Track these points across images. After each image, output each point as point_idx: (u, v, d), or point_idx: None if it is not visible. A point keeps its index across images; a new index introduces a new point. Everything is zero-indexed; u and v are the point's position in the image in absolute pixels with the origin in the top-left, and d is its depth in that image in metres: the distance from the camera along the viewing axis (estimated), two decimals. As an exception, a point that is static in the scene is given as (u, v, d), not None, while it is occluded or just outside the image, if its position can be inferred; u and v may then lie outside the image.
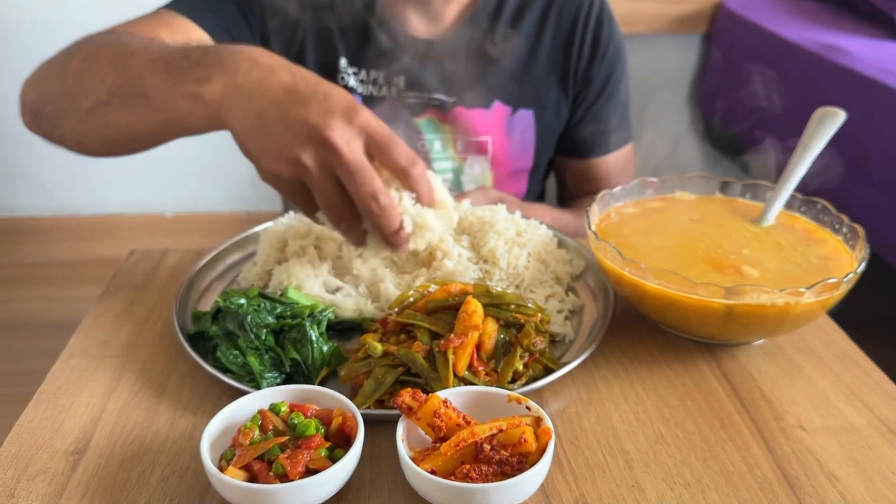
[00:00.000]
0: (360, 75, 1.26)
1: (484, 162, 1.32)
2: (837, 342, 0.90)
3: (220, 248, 1.01)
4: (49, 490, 0.68)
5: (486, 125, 1.30)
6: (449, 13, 1.26)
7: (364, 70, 1.26)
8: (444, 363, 0.73)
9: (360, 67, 1.26)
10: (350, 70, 1.25)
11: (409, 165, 0.82)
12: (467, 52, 1.27)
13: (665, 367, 0.85)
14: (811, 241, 0.92)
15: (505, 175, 1.34)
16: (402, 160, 0.81)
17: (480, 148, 1.31)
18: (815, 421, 0.77)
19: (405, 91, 1.27)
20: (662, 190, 1.02)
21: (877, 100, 1.65)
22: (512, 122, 1.31)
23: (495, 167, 1.33)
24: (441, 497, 0.63)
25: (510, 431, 0.65)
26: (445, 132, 1.30)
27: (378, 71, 1.26)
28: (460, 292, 0.81)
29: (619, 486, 0.69)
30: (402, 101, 1.27)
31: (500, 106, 1.30)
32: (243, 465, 0.63)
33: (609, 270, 0.87)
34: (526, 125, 1.32)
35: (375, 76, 1.26)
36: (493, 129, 1.30)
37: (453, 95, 1.28)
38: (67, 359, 0.86)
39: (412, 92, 1.27)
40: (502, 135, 1.31)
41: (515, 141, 1.32)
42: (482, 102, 1.29)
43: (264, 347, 0.79)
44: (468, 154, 1.31)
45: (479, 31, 1.27)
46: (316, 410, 0.69)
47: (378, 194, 0.79)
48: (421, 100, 1.27)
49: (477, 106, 1.29)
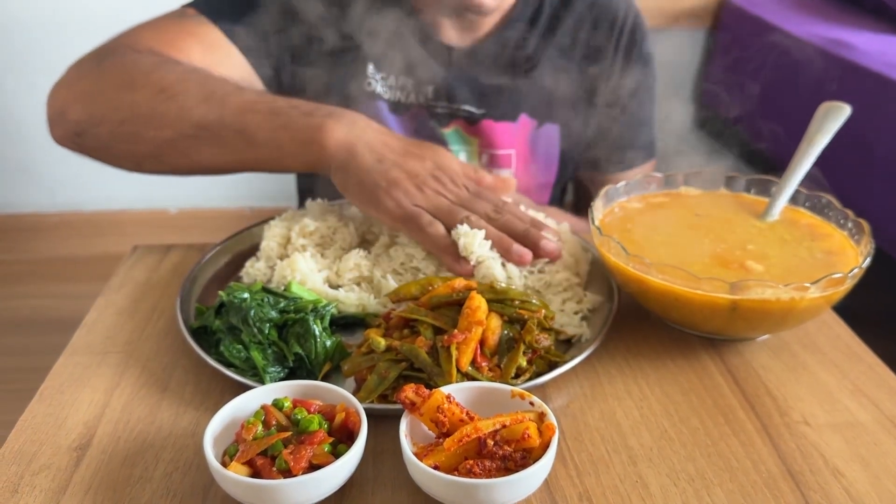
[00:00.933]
0: (389, 81, 1.23)
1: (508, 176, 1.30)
2: (842, 338, 0.89)
3: (223, 243, 1.01)
4: (52, 485, 0.68)
5: (510, 139, 1.27)
6: (485, 23, 1.23)
7: (392, 76, 1.23)
8: (448, 358, 0.73)
9: (388, 73, 1.23)
10: (378, 76, 1.22)
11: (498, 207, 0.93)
12: (499, 64, 1.24)
13: (669, 363, 0.85)
14: (816, 235, 0.92)
15: (527, 189, 1.32)
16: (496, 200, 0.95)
17: (503, 162, 1.29)
18: (820, 417, 0.77)
19: (433, 100, 1.24)
20: (667, 185, 1.01)
21: (882, 94, 1.64)
22: (537, 136, 1.28)
23: (518, 179, 1.31)
24: (444, 493, 0.63)
25: (513, 427, 0.65)
26: (471, 144, 1.27)
27: (407, 77, 1.23)
28: (464, 288, 0.81)
29: (622, 481, 0.69)
30: (430, 111, 1.24)
31: (527, 119, 1.27)
32: (246, 461, 0.63)
33: (613, 266, 0.86)
34: (551, 140, 1.29)
35: (404, 83, 1.23)
36: (517, 142, 1.28)
37: (483, 107, 1.25)
38: (70, 355, 0.86)
39: (440, 102, 1.24)
40: (526, 149, 1.29)
41: (539, 156, 1.30)
42: (509, 115, 1.26)
43: (267, 342, 0.79)
44: (492, 168, 1.29)
45: (512, 43, 1.24)
46: (319, 406, 0.69)
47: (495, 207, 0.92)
48: (449, 110, 1.25)
49: (504, 119, 1.26)
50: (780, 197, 0.95)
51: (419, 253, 0.92)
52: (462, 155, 1.28)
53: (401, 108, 1.25)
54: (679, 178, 1.01)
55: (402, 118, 1.25)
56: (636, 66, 1.31)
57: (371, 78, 1.22)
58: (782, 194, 0.95)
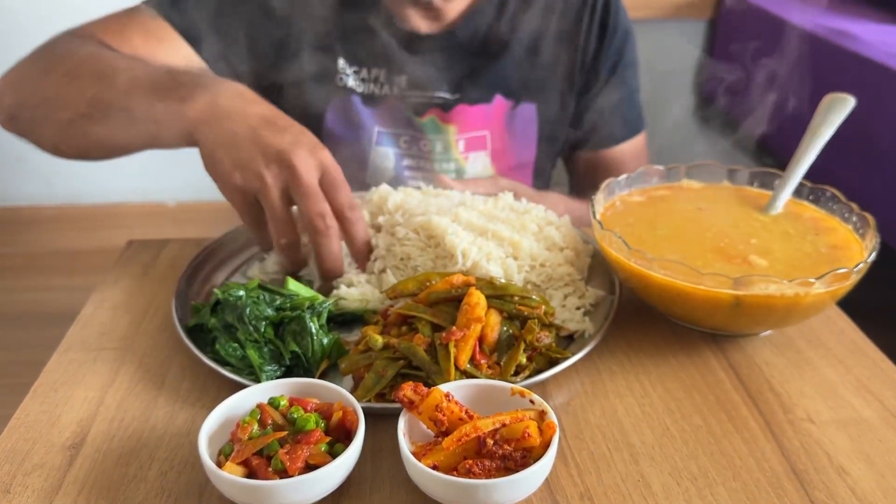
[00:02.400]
0: (361, 73, 1.23)
1: (484, 158, 1.29)
2: (847, 332, 0.88)
3: (219, 237, 1.00)
4: (45, 485, 0.67)
5: (485, 120, 1.27)
6: (452, 8, 1.22)
7: (365, 68, 1.23)
8: (446, 356, 0.71)
9: (360, 66, 1.23)
10: (350, 69, 1.22)
11: (348, 208, 0.89)
12: (471, 48, 1.24)
13: (671, 359, 0.84)
14: (820, 229, 0.90)
15: (507, 170, 1.32)
16: (344, 202, 0.88)
17: (479, 143, 1.28)
18: (825, 413, 0.76)
19: (407, 90, 1.23)
20: (668, 178, 1.00)
21: (885, 85, 1.62)
22: (513, 116, 1.28)
23: (496, 162, 1.31)
24: (443, 493, 0.62)
25: (513, 426, 0.64)
26: (448, 133, 1.27)
27: (379, 69, 1.23)
28: (463, 284, 0.79)
29: (624, 480, 0.68)
30: (405, 101, 1.24)
31: (502, 100, 1.27)
32: (242, 461, 0.62)
33: (614, 260, 0.85)
34: (528, 119, 1.29)
35: (377, 74, 1.23)
36: (492, 123, 1.28)
37: (457, 93, 1.25)
38: (65, 351, 0.85)
39: (414, 91, 1.24)
40: (502, 129, 1.29)
41: (516, 135, 1.30)
42: (484, 98, 1.26)
43: (263, 340, 0.78)
44: (469, 152, 1.29)
45: (484, 25, 1.24)
46: (316, 404, 0.68)
47: (325, 214, 0.87)
48: (423, 99, 1.24)
49: (479, 101, 1.26)
50: (783, 190, 0.93)
51: (416, 251, 0.91)
52: (438, 144, 1.27)
53: (375, 101, 1.24)
54: (681, 170, 1.00)
55: (377, 110, 1.24)
56: (612, 38, 1.29)
57: (342, 73, 1.21)
58: (786, 187, 0.93)
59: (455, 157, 1.28)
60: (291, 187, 0.86)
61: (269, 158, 0.86)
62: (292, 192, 0.86)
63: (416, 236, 0.91)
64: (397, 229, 0.93)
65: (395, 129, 1.25)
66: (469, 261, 0.87)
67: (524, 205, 1.01)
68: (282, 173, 0.86)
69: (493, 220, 0.94)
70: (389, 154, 1.27)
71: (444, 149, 1.27)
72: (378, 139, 1.26)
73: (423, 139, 1.26)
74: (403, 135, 1.26)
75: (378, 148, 1.26)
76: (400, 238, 0.92)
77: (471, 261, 0.87)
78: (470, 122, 1.27)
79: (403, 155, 1.27)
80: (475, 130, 1.27)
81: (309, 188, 0.85)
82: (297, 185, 0.85)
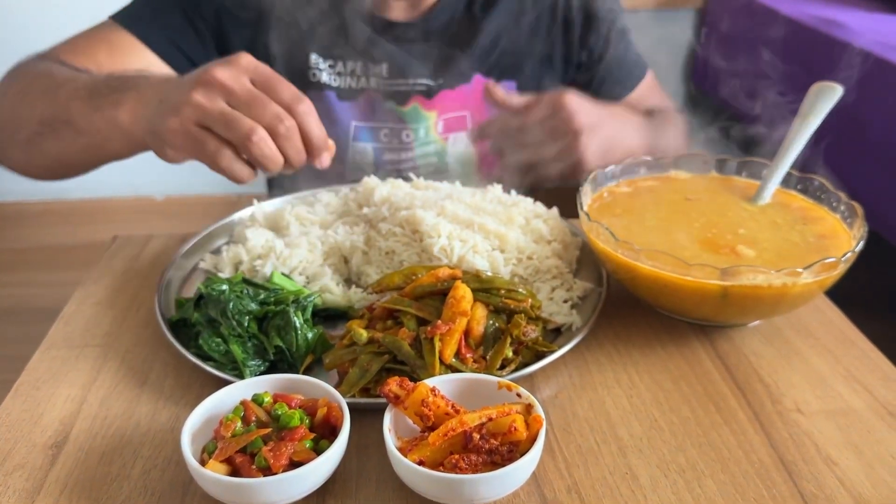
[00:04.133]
0: (337, 68, 1.21)
1: (465, 139, 1.29)
2: (835, 322, 0.88)
3: (203, 232, 0.99)
4: (27, 486, 0.66)
5: (465, 100, 1.26)
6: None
7: (340, 62, 1.21)
8: (431, 350, 0.71)
9: (335, 60, 1.21)
10: (324, 64, 1.21)
11: (295, 102, 0.82)
12: (448, 30, 1.22)
13: (659, 350, 0.83)
14: (808, 219, 0.90)
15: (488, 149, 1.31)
16: (288, 96, 0.82)
17: (459, 124, 1.28)
18: (813, 404, 0.75)
19: (388, 80, 1.22)
20: (656, 168, 0.99)
21: (874, 74, 1.62)
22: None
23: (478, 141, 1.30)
24: (429, 488, 0.61)
25: (500, 420, 0.63)
26: (430, 119, 1.26)
27: (355, 62, 1.21)
28: (449, 277, 0.79)
29: (612, 473, 0.67)
30: (385, 91, 1.23)
31: (481, 79, 1.26)
32: (225, 458, 0.61)
33: (602, 252, 0.84)
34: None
35: (353, 67, 1.21)
36: (472, 103, 1.27)
37: (439, 78, 1.24)
38: (47, 349, 0.84)
39: (397, 80, 1.22)
40: (482, 108, 1.28)
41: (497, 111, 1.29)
42: (464, 78, 1.25)
43: (247, 335, 0.77)
44: (449, 133, 1.28)
45: (460, 7, 1.22)
46: (300, 400, 0.67)
47: (280, 115, 0.80)
48: (406, 87, 1.23)
49: (459, 83, 1.25)
50: (771, 179, 0.93)
51: (400, 246, 0.90)
52: (421, 130, 1.26)
53: (352, 94, 1.23)
54: (668, 161, 0.99)
55: (354, 104, 1.23)
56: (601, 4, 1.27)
57: (314, 68, 1.20)
58: (774, 176, 0.93)
59: (434, 139, 1.27)
60: (230, 102, 0.80)
61: (192, 89, 0.80)
62: (234, 107, 0.80)
63: (401, 230, 0.90)
64: (381, 225, 0.92)
65: (374, 123, 1.24)
66: (454, 257, 0.86)
67: (512, 197, 1.00)
68: (211, 91, 0.80)
69: (480, 212, 0.94)
70: (368, 149, 1.26)
71: (424, 133, 1.27)
72: (356, 134, 1.25)
73: (406, 129, 1.26)
74: (383, 127, 1.25)
75: (356, 144, 1.25)
76: (384, 233, 0.91)
77: (456, 257, 0.86)
78: (450, 103, 1.26)
79: (384, 149, 1.26)
80: (455, 111, 1.26)
81: (247, 93, 0.80)
82: (233, 96, 0.80)
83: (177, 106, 0.81)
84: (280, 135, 0.80)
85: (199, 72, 0.81)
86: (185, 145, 0.83)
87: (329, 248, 0.93)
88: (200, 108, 0.80)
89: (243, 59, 0.82)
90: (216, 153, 0.81)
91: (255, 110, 0.80)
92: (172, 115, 0.81)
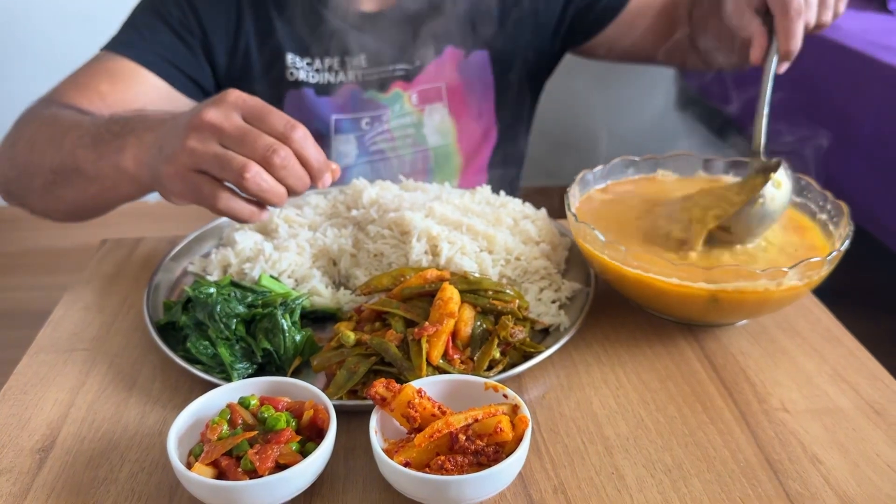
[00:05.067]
0: (315, 65, 1.22)
1: (442, 109, 1.30)
2: (822, 321, 0.88)
3: (192, 235, 0.99)
4: (14, 490, 0.66)
5: (439, 73, 1.27)
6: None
7: (317, 59, 1.22)
8: (418, 352, 0.71)
9: (312, 57, 1.22)
10: (302, 62, 1.21)
11: (288, 130, 0.80)
12: (420, 12, 1.22)
13: (646, 349, 0.83)
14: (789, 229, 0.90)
15: (468, 118, 1.32)
16: (279, 125, 0.80)
17: (436, 95, 1.29)
18: (800, 403, 0.76)
19: (367, 69, 1.23)
20: (644, 169, 0.99)
21: (866, 74, 1.62)
22: (466, 65, 1.28)
23: (454, 112, 1.30)
24: (415, 490, 0.61)
25: (486, 421, 0.63)
26: (410, 101, 1.28)
27: (332, 57, 1.22)
28: (437, 278, 0.79)
29: (598, 473, 0.67)
30: (365, 82, 1.24)
31: (453, 50, 1.27)
32: (211, 461, 0.61)
33: (589, 254, 0.85)
34: (483, 66, 1.29)
35: (330, 63, 1.22)
36: (446, 74, 1.28)
37: (416, 60, 1.25)
38: (35, 353, 0.84)
39: (375, 69, 1.24)
40: (456, 78, 1.28)
41: (472, 82, 1.30)
42: (437, 52, 1.26)
43: (235, 337, 0.77)
44: (425, 104, 1.29)
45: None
46: (287, 403, 0.67)
47: (272, 146, 0.78)
48: (386, 74, 1.24)
49: (434, 58, 1.26)
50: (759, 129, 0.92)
51: (388, 248, 0.90)
52: (397, 106, 1.27)
53: (330, 89, 1.24)
54: (656, 161, 0.99)
55: (333, 99, 1.24)
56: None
57: (291, 68, 1.21)
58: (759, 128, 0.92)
59: (409, 110, 1.28)
60: (223, 142, 0.79)
61: (185, 135, 0.80)
62: (227, 146, 0.79)
63: (390, 232, 0.91)
64: (369, 227, 0.92)
65: (355, 114, 1.25)
66: (442, 259, 0.86)
67: (501, 198, 1.00)
68: (203, 135, 0.79)
69: (468, 213, 0.94)
70: (350, 139, 1.27)
71: (400, 107, 1.28)
72: (337, 127, 1.26)
73: (385, 112, 1.27)
74: (364, 117, 1.26)
75: (338, 136, 1.26)
76: (372, 236, 0.91)
77: (444, 258, 0.86)
78: (424, 76, 1.27)
79: (365, 137, 1.27)
80: (428, 83, 1.27)
81: (237, 130, 0.79)
82: (224, 135, 0.79)
83: (172, 154, 0.81)
84: (275, 166, 0.79)
85: (191, 115, 0.81)
86: (183, 192, 0.83)
87: (318, 250, 0.93)
88: (194, 153, 0.79)
89: (231, 96, 0.81)
90: (212, 196, 0.81)
91: (247, 146, 0.78)
92: (169, 164, 0.81)
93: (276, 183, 0.80)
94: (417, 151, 1.31)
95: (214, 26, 1.19)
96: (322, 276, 0.91)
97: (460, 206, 0.96)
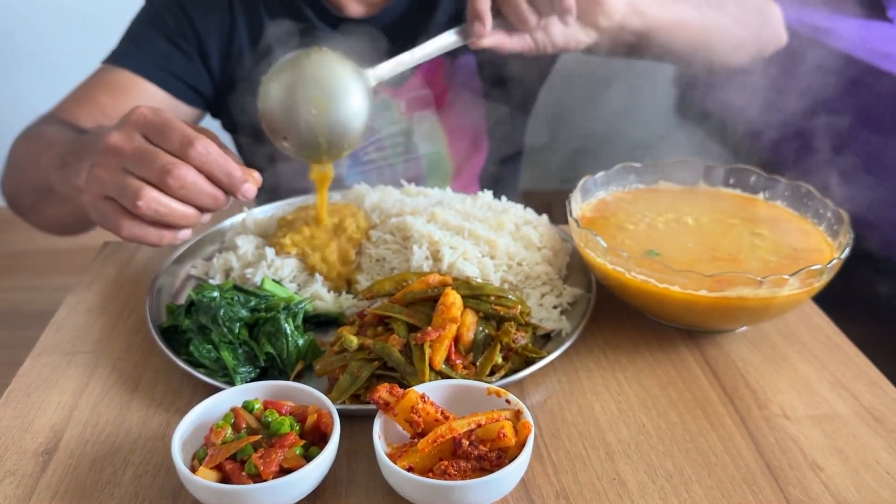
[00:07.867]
0: None
1: (431, 117, 1.29)
2: (822, 328, 0.89)
3: (194, 239, 0.99)
4: (18, 492, 0.66)
5: (426, 80, 1.27)
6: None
7: None
8: (421, 357, 0.71)
9: None
10: None
11: (185, 147, 0.75)
12: (405, 19, 1.22)
13: (647, 356, 0.84)
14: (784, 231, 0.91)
15: (457, 125, 1.31)
16: (176, 143, 0.75)
17: (424, 103, 1.28)
18: (800, 409, 0.76)
19: None
20: (645, 176, 1.00)
21: (863, 81, 1.63)
22: (453, 71, 1.27)
23: (444, 119, 1.30)
24: (418, 495, 0.61)
25: (489, 426, 0.64)
26: (398, 108, 1.27)
27: None
28: (439, 284, 0.79)
29: (600, 478, 0.68)
30: None
31: (439, 56, 1.26)
32: (215, 465, 0.62)
33: (590, 260, 0.85)
34: (470, 71, 1.28)
35: None
36: (433, 82, 1.27)
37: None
38: (38, 355, 0.84)
39: None
40: (443, 85, 1.28)
41: (459, 87, 1.29)
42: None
43: (238, 341, 0.77)
44: (413, 112, 1.28)
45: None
46: (290, 407, 0.67)
47: (167, 167, 0.74)
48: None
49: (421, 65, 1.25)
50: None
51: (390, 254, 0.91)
52: (387, 115, 1.26)
53: None
54: (657, 170, 1.00)
55: None
56: None
57: None
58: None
59: (397, 119, 1.27)
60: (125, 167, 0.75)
61: (95, 162, 0.78)
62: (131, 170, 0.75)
63: (392, 237, 0.91)
64: (372, 232, 0.93)
65: None
66: (444, 263, 0.86)
67: (502, 203, 1.01)
68: (107, 160, 0.76)
69: (470, 218, 0.94)
70: None
71: (390, 117, 1.27)
72: None
73: (377, 122, 1.26)
74: None
75: None
76: (374, 241, 0.92)
77: (446, 263, 0.86)
78: (411, 84, 1.26)
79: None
80: (416, 90, 1.27)
81: (135, 152, 0.74)
82: (125, 158, 0.75)
83: (86, 182, 0.79)
84: (172, 188, 0.74)
85: (99, 141, 0.78)
86: (97, 219, 0.80)
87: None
88: (98, 180, 0.77)
89: (133, 114, 0.77)
90: (116, 226, 0.78)
91: (144, 168, 0.75)
92: (85, 192, 0.79)
93: (177, 205, 0.76)
94: (409, 160, 1.30)
95: (208, 30, 1.20)
96: (324, 281, 0.91)
97: (462, 211, 0.96)
